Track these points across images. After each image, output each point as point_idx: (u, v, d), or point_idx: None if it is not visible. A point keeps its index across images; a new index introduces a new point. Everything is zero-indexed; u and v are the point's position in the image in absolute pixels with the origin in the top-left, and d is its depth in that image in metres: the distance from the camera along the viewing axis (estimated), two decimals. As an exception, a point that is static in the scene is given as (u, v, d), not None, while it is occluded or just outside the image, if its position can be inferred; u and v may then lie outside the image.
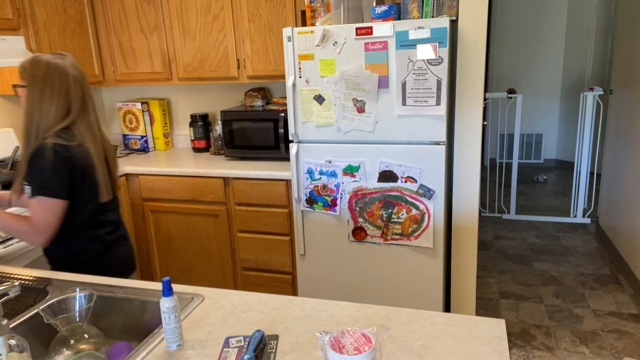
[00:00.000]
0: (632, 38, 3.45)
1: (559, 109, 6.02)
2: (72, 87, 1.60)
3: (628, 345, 2.60)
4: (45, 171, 1.54)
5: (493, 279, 3.41)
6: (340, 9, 2.42)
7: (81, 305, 1.19)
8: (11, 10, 2.56)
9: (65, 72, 1.59)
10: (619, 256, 3.52)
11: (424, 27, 2.15)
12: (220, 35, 2.91)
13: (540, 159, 6.18)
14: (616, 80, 3.84)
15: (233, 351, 1.08)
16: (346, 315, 1.20)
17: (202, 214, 2.87)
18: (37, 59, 1.58)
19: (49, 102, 1.56)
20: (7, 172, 2.60)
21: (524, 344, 2.66)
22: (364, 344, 0.94)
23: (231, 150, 2.96)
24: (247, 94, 3.09)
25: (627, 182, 3.42)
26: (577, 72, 5.75)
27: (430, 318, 1.17)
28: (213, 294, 1.34)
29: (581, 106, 4.21)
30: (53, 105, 1.56)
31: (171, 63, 3.07)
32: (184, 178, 2.86)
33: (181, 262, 3.03)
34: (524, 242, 4.02)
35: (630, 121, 3.41)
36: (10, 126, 2.94)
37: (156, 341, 1.13)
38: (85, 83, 1.65)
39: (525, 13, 5.88)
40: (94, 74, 3.13)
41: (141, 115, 3.35)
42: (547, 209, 4.73)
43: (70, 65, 1.61)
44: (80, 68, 1.65)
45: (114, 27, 3.12)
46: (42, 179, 1.54)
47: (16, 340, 0.99)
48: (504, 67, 6.07)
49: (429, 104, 2.22)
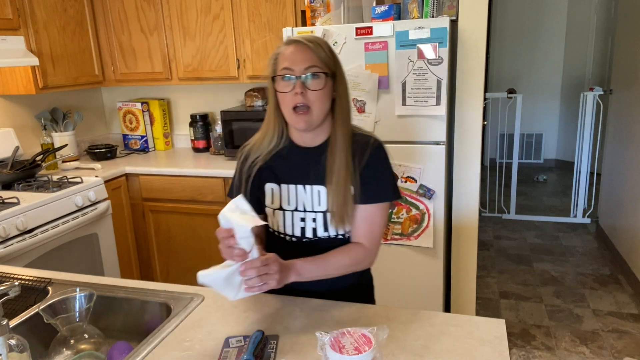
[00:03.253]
0: (632, 38, 3.45)
1: (559, 109, 6.02)
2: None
3: (628, 345, 2.60)
4: (391, 169, 1.32)
5: (493, 279, 3.41)
6: (340, 9, 2.42)
7: (81, 305, 1.19)
8: (11, 10, 2.56)
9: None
10: (619, 256, 3.52)
11: (424, 27, 2.15)
12: (220, 35, 2.90)
13: (540, 159, 6.18)
14: (616, 80, 3.84)
15: (233, 351, 1.08)
16: (346, 315, 1.20)
17: (202, 214, 2.86)
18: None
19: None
20: (7, 172, 2.60)
21: (524, 344, 2.66)
22: (364, 344, 0.94)
23: (231, 150, 2.96)
24: (247, 94, 3.09)
25: (627, 182, 3.42)
26: (577, 72, 5.75)
27: (430, 318, 1.17)
28: (213, 294, 1.34)
29: (581, 106, 4.20)
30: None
31: (171, 63, 3.06)
32: (184, 178, 2.86)
33: (181, 262, 3.03)
34: (524, 242, 4.02)
35: (630, 121, 3.41)
36: (10, 126, 2.94)
37: (156, 341, 1.13)
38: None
39: (525, 13, 5.87)
40: (94, 74, 3.13)
41: (141, 115, 3.34)
42: (547, 209, 4.73)
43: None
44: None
45: (114, 27, 3.11)
46: (392, 180, 1.31)
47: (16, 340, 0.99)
48: (504, 67, 6.07)
49: (429, 104, 2.22)
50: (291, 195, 1.29)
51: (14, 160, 2.72)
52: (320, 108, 1.20)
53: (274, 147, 1.30)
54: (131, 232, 3.03)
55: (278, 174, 1.29)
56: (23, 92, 2.77)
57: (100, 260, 2.70)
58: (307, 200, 1.27)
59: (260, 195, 1.33)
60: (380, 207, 1.26)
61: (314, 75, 1.17)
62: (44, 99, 3.15)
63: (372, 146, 1.26)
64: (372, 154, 1.25)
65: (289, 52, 1.19)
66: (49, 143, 3.05)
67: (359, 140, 1.26)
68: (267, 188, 1.31)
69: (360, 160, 1.24)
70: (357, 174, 1.23)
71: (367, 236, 1.27)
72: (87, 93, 3.52)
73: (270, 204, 1.31)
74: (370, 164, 1.24)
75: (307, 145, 1.28)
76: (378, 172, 1.26)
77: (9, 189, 2.54)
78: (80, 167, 2.98)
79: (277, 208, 1.31)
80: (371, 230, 1.26)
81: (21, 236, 2.22)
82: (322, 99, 1.19)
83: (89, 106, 3.54)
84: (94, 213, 2.60)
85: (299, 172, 1.28)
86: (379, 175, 1.26)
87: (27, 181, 2.58)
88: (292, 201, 1.29)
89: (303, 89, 1.17)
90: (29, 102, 3.05)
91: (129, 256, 3.02)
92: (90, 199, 2.58)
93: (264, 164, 1.30)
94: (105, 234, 2.72)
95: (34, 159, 2.79)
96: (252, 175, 1.31)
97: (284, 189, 1.29)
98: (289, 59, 1.19)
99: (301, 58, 1.18)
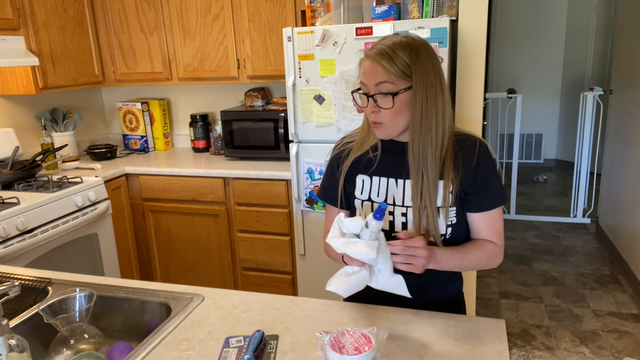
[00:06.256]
0: (632, 38, 3.45)
1: (559, 109, 6.02)
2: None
3: (628, 345, 2.60)
4: (498, 170, 1.31)
5: (493, 279, 3.41)
6: (340, 9, 2.42)
7: (81, 305, 1.19)
8: (11, 10, 2.56)
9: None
10: (619, 256, 3.52)
11: (424, 27, 2.15)
12: (220, 35, 2.90)
13: (540, 159, 6.18)
14: (616, 80, 3.84)
15: (233, 351, 1.08)
16: (346, 315, 1.20)
17: (202, 214, 2.86)
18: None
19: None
20: (7, 172, 2.60)
21: (524, 344, 2.66)
22: (364, 344, 0.94)
23: (231, 150, 2.96)
24: (247, 94, 3.09)
25: (627, 182, 3.42)
26: (577, 72, 5.75)
27: (430, 318, 1.17)
28: (213, 294, 1.34)
29: (581, 106, 4.20)
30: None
31: (171, 63, 3.06)
32: (184, 178, 2.86)
33: (181, 262, 3.03)
34: (524, 242, 4.02)
35: (630, 121, 3.41)
36: (10, 126, 2.94)
37: (156, 341, 1.13)
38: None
39: (525, 13, 5.87)
40: (94, 74, 3.13)
41: (141, 115, 3.34)
42: (547, 209, 4.73)
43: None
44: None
45: (114, 27, 3.11)
46: (502, 181, 1.29)
47: (16, 340, 0.99)
48: (504, 67, 6.07)
49: (429, 104, 2.21)
50: (382, 188, 1.27)
51: (14, 160, 2.72)
52: (394, 123, 1.18)
53: (370, 140, 1.29)
54: (131, 232, 3.03)
55: (370, 166, 1.29)
56: (23, 92, 2.77)
57: (100, 260, 2.70)
58: (397, 194, 1.25)
59: (350, 188, 1.33)
60: (498, 210, 1.25)
61: (385, 95, 1.15)
62: (44, 99, 3.15)
63: (480, 148, 1.22)
64: (481, 155, 1.22)
65: (366, 66, 1.17)
66: (49, 143, 3.05)
67: (463, 141, 1.23)
68: (358, 179, 1.31)
69: (469, 161, 1.20)
70: (465, 175, 1.20)
71: (494, 235, 1.24)
72: (87, 93, 3.52)
73: (360, 195, 1.31)
74: (481, 169, 1.21)
75: (402, 140, 1.25)
76: (491, 175, 1.23)
77: (9, 189, 2.54)
78: (80, 167, 2.98)
79: (366, 199, 1.30)
80: (495, 230, 1.24)
81: (21, 236, 2.22)
82: (394, 115, 1.17)
83: (89, 106, 3.54)
84: (94, 213, 2.60)
85: (391, 166, 1.26)
86: (493, 179, 1.23)
87: (27, 181, 2.58)
88: (382, 193, 1.27)
89: (375, 108, 1.17)
90: (29, 102, 3.05)
91: (129, 256, 3.02)
92: (90, 199, 2.58)
93: (358, 156, 1.30)
94: (105, 234, 2.72)
95: (34, 159, 2.79)
96: (346, 168, 1.32)
97: (375, 181, 1.28)
98: (364, 74, 1.18)
99: (373, 75, 1.15)
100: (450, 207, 1.21)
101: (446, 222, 1.22)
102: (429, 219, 1.20)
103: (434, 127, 1.17)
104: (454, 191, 1.20)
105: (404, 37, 1.18)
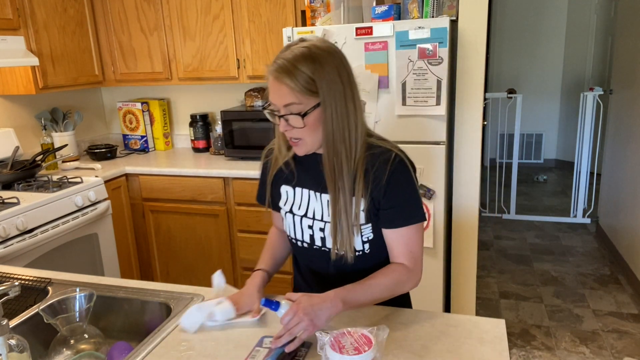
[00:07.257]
0: (632, 38, 3.45)
1: (559, 109, 6.02)
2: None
3: (628, 345, 2.60)
4: (415, 187, 1.21)
5: (493, 279, 3.41)
6: (340, 9, 2.42)
7: (81, 305, 1.19)
8: (11, 10, 2.56)
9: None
10: (619, 256, 3.52)
11: (424, 27, 2.15)
12: (220, 35, 2.90)
13: (540, 159, 6.18)
14: (616, 80, 3.84)
15: (263, 351, 1.07)
16: (346, 315, 1.20)
17: (202, 214, 2.86)
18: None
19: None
20: (7, 172, 2.60)
21: (524, 344, 2.66)
22: (364, 344, 0.94)
23: (231, 150, 2.96)
24: (247, 94, 3.09)
25: (627, 182, 3.42)
26: (577, 72, 5.75)
27: (430, 318, 1.17)
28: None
29: (581, 106, 4.20)
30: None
31: (171, 63, 3.06)
32: (184, 178, 2.86)
33: (181, 262, 3.03)
34: (524, 242, 4.02)
35: (630, 121, 3.41)
36: (10, 126, 2.94)
37: (156, 341, 1.13)
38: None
39: (525, 13, 5.87)
40: (94, 74, 3.13)
41: (141, 115, 3.34)
42: (547, 209, 4.73)
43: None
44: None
45: (114, 27, 3.11)
46: (418, 199, 1.21)
47: (16, 340, 0.99)
48: (504, 67, 6.07)
49: (429, 104, 2.22)
50: (303, 200, 1.25)
51: (14, 160, 2.72)
52: (312, 139, 1.14)
53: (283, 154, 1.26)
54: (131, 232, 3.03)
55: (292, 176, 1.26)
56: (23, 92, 2.77)
57: (100, 260, 2.70)
58: (317, 208, 1.23)
59: (276, 198, 1.31)
60: (414, 228, 1.18)
61: (295, 114, 1.09)
62: (44, 99, 3.15)
63: (393, 163, 1.15)
64: (394, 172, 1.15)
65: (270, 82, 1.11)
66: (49, 143, 3.05)
67: (377, 155, 1.16)
68: (283, 190, 1.29)
69: (380, 178, 1.15)
70: (376, 191, 1.15)
71: (407, 256, 1.19)
72: (87, 93, 3.52)
73: (284, 206, 1.30)
74: (392, 185, 1.15)
75: (318, 152, 1.20)
76: (405, 192, 1.17)
77: (9, 189, 2.54)
78: (80, 167, 2.98)
79: (288, 211, 1.28)
80: (410, 250, 1.19)
81: (21, 236, 2.22)
82: (309, 132, 1.12)
83: (89, 106, 3.54)
84: (94, 213, 2.60)
85: (311, 177, 1.23)
86: (407, 196, 1.17)
87: (27, 181, 2.58)
88: (303, 206, 1.25)
89: (288, 127, 1.12)
90: (29, 102, 3.05)
91: (129, 256, 3.02)
92: (90, 199, 2.58)
93: (283, 165, 1.27)
94: (105, 234, 2.72)
95: (34, 159, 2.79)
96: (271, 179, 1.30)
97: (297, 192, 1.26)
98: (270, 92, 1.11)
99: (279, 95, 1.09)
100: (365, 223, 1.19)
101: (362, 239, 1.21)
102: (344, 236, 1.17)
103: (347, 139, 1.13)
104: (365, 208, 1.17)
105: (306, 46, 1.10)
